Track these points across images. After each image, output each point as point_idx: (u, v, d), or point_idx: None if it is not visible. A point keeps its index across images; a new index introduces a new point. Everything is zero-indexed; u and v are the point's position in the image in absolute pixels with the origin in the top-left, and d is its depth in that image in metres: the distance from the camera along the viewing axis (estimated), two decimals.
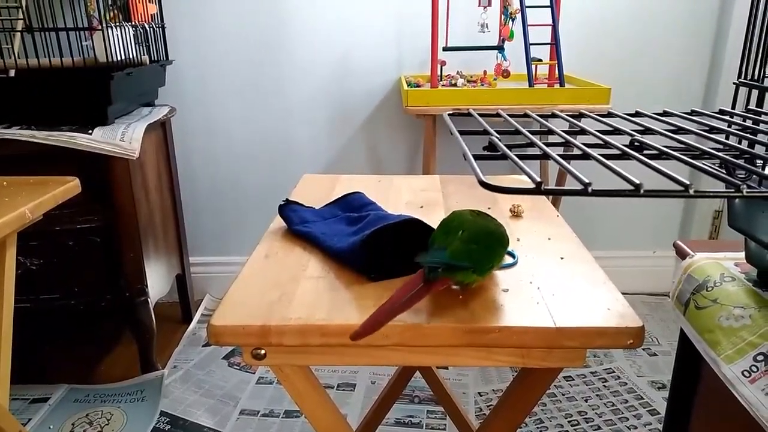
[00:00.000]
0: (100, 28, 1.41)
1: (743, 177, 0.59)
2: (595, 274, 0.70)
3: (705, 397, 0.82)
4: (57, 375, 1.65)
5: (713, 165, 0.52)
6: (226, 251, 2.08)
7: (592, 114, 0.69)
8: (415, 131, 1.94)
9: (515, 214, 0.91)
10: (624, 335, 0.58)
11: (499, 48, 1.64)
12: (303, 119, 1.95)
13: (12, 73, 1.47)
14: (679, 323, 0.77)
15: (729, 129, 0.61)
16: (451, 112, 0.72)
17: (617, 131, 0.62)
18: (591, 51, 1.87)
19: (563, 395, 1.55)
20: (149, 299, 1.58)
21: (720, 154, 0.52)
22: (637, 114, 0.68)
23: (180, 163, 1.89)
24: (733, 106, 0.70)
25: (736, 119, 0.65)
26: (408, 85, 1.66)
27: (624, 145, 0.54)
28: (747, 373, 0.62)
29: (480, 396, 1.56)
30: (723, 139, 0.57)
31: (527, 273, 0.71)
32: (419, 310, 0.61)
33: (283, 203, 0.88)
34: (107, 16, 1.44)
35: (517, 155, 0.51)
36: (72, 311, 1.53)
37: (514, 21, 1.59)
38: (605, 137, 0.57)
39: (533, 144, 0.57)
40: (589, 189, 0.44)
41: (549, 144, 0.55)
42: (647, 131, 0.62)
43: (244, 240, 2.06)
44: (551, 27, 1.57)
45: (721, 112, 0.68)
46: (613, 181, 0.43)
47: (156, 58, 1.70)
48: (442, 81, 1.69)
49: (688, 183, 0.43)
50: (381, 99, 1.92)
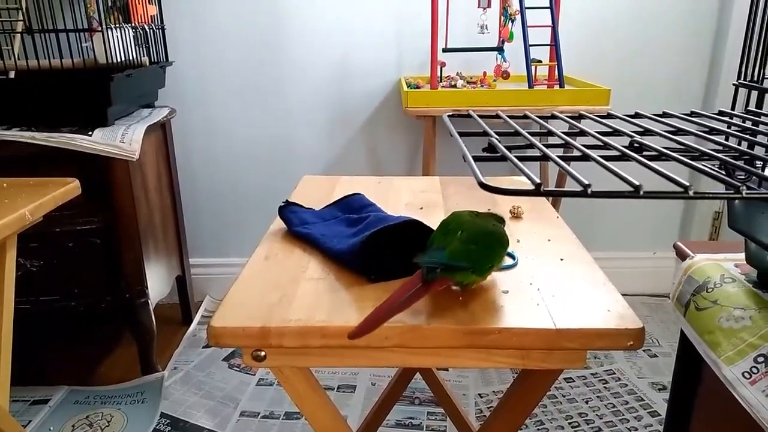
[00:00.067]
0: (100, 29, 1.41)
1: (743, 178, 0.59)
2: (595, 275, 0.70)
3: (705, 399, 0.82)
4: (57, 377, 1.65)
5: (713, 166, 0.52)
6: (226, 252, 2.08)
7: (591, 115, 0.69)
8: (415, 132, 1.94)
9: (515, 215, 0.91)
10: (624, 336, 0.58)
11: (499, 49, 1.64)
12: (303, 120, 1.95)
13: (12, 75, 1.47)
14: (680, 324, 0.77)
15: (728, 130, 0.60)
16: (451, 113, 0.72)
17: (617, 132, 0.62)
18: (591, 51, 1.87)
19: (564, 397, 1.55)
20: (149, 301, 1.58)
21: (719, 155, 0.52)
22: (637, 115, 0.68)
23: (180, 164, 1.89)
24: (733, 107, 0.70)
25: (735, 120, 0.65)
26: (408, 87, 1.66)
27: (623, 147, 0.54)
28: (747, 375, 0.62)
29: (480, 397, 1.56)
30: (722, 141, 0.57)
31: (527, 274, 0.71)
32: (419, 311, 0.61)
33: (283, 205, 0.88)
34: (108, 19, 1.44)
35: (517, 156, 0.51)
36: (72, 313, 1.53)
37: (513, 22, 1.59)
38: (605, 138, 0.57)
39: (533, 145, 0.56)
40: (589, 190, 0.44)
41: (548, 145, 0.55)
42: (647, 132, 0.62)
43: (244, 241, 2.06)
44: (551, 28, 1.57)
45: (721, 113, 0.68)
46: (613, 183, 0.43)
47: (156, 59, 1.70)
48: (441, 82, 1.69)
49: (687, 184, 0.43)
50: (381, 100, 1.92)
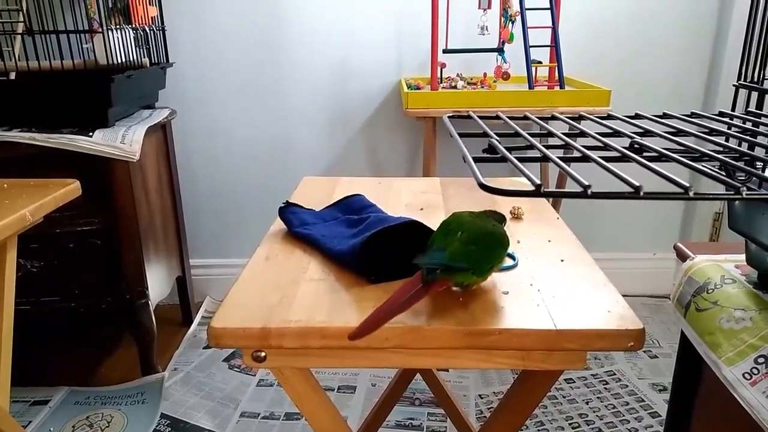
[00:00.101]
0: (100, 30, 1.41)
1: (743, 179, 0.59)
2: (596, 276, 0.70)
3: (706, 400, 0.82)
4: (57, 377, 1.65)
5: (713, 167, 0.52)
6: (226, 253, 2.08)
7: (591, 116, 0.69)
8: (415, 133, 1.94)
9: (515, 216, 0.91)
10: (624, 337, 0.58)
11: (499, 50, 1.64)
12: (303, 121, 1.95)
13: (12, 76, 1.47)
14: (680, 325, 0.77)
15: (729, 131, 0.61)
16: (451, 114, 0.72)
17: (617, 133, 0.62)
18: (591, 52, 1.87)
19: (564, 397, 1.54)
20: (149, 301, 1.58)
21: (720, 156, 0.52)
22: (637, 116, 0.68)
23: (180, 165, 1.90)
24: (733, 107, 0.70)
25: (735, 121, 0.65)
26: (408, 88, 1.66)
27: (624, 148, 0.54)
28: (748, 376, 0.62)
29: (481, 398, 1.56)
30: (723, 142, 0.57)
31: (527, 275, 0.71)
32: (419, 312, 0.61)
33: (284, 205, 0.88)
34: (109, 20, 1.44)
35: (517, 157, 0.51)
36: (72, 313, 1.53)
37: (513, 23, 1.59)
38: (605, 139, 0.57)
39: (533, 146, 0.56)
40: (589, 191, 0.44)
41: (549, 146, 0.55)
42: (647, 133, 0.62)
43: (244, 242, 2.06)
44: (551, 29, 1.57)
45: (721, 114, 0.68)
46: (613, 184, 0.43)
47: (156, 60, 1.70)
48: (442, 83, 1.69)
49: (687, 185, 0.43)
50: (381, 101, 1.93)
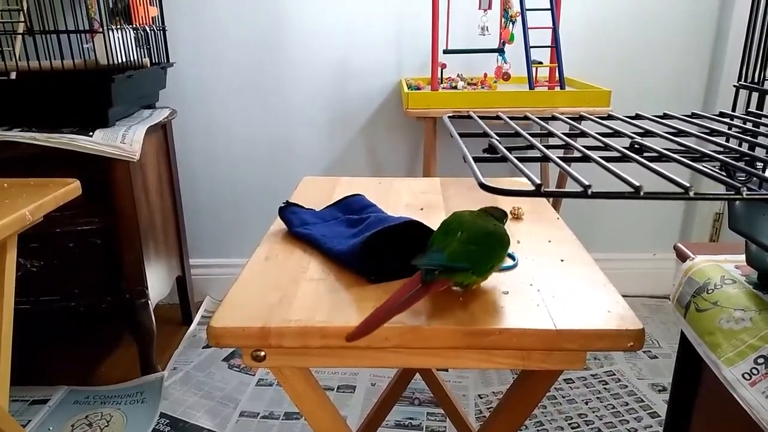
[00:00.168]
0: (101, 30, 1.41)
1: (743, 179, 0.59)
2: (596, 276, 0.70)
3: (705, 400, 0.82)
4: (57, 376, 1.65)
5: (713, 167, 0.52)
6: (226, 253, 2.08)
7: (592, 116, 0.69)
8: (416, 134, 1.94)
9: (515, 216, 0.91)
10: (624, 338, 0.58)
11: (500, 51, 1.64)
12: (303, 121, 1.95)
13: (13, 76, 1.47)
14: (680, 326, 0.77)
15: (729, 131, 0.61)
16: (451, 114, 0.72)
17: (617, 134, 0.62)
18: (591, 52, 1.87)
19: (563, 398, 1.54)
20: (149, 301, 1.58)
21: (720, 156, 0.52)
22: (637, 117, 0.68)
23: (180, 164, 1.90)
24: (734, 108, 0.70)
25: (736, 122, 0.65)
26: (408, 88, 1.66)
27: (624, 148, 0.54)
28: (747, 376, 0.62)
29: (480, 398, 1.56)
30: (723, 142, 0.57)
31: (527, 275, 0.71)
32: (419, 312, 0.61)
33: (284, 205, 0.88)
34: (110, 21, 1.44)
35: (517, 158, 0.51)
36: (72, 313, 1.53)
37: (514, 24, 1.59)
38: (605, 140, 0.57)
39: (533, 146, 0.57)
40: (589, 191, 0.44)
41: (549, 146, 0.55)
42: (647, 134, 0.62)
43: (244, 242, 2.06)
44: (551, 30, 1.57)
45: (721, 114, 0.68)
46: (613, 184, 0.43)
47: (157, 60, 1.71)
48: (442, 83, 1.69)
49: (688, 185, 0.43)
50: (381, 101, 1.93)
